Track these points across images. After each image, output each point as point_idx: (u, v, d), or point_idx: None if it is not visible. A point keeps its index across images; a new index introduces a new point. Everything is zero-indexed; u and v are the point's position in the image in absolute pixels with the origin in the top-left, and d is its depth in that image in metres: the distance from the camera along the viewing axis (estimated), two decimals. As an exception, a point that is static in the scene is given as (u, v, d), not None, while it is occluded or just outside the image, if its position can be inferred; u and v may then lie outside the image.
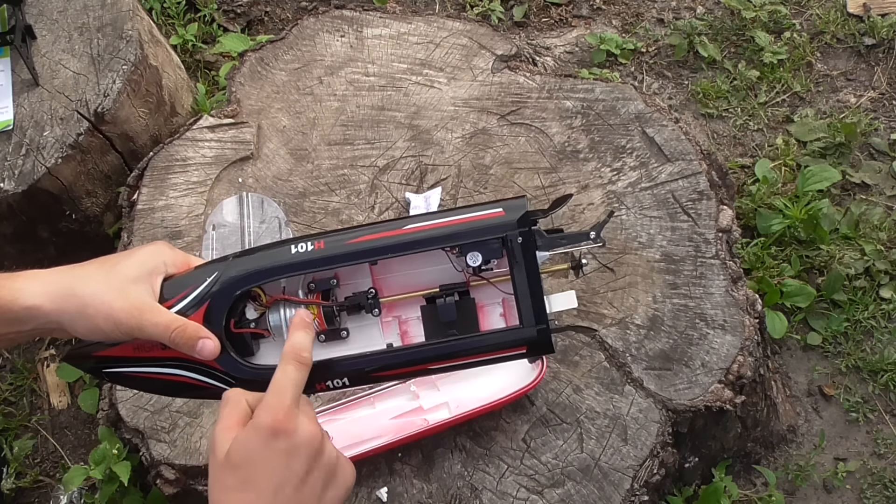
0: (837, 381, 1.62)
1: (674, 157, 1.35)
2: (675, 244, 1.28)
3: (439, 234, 0.71)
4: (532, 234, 0.71)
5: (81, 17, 1.64)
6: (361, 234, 0.72)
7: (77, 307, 0.71)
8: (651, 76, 2.06)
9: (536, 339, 0.71)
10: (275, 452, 0.64)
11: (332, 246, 0.72)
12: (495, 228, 0.71)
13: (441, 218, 0.72)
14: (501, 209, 0.72)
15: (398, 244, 0.71)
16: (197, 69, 2.04)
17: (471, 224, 0.71)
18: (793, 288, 1.64)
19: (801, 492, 1.50)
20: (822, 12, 2.10)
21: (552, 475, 1.12)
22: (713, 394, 1.17)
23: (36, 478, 1.61)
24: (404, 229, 0.72)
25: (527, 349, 0.72)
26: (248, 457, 0.64)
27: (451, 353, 0.72)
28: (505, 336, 0.72)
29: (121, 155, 1.62)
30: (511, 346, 0.72)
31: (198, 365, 0.73)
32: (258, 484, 0.64)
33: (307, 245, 0.72)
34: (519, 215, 0.71)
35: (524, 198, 0.73)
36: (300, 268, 0.72)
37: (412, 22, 1.57)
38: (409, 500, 1.13)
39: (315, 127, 1.46)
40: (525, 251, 0.71)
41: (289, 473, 0.65)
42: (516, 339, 0.72)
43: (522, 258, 0.71)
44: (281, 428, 0.65)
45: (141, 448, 1.20)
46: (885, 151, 1.88)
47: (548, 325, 0.71)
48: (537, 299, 0.71)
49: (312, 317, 0.72)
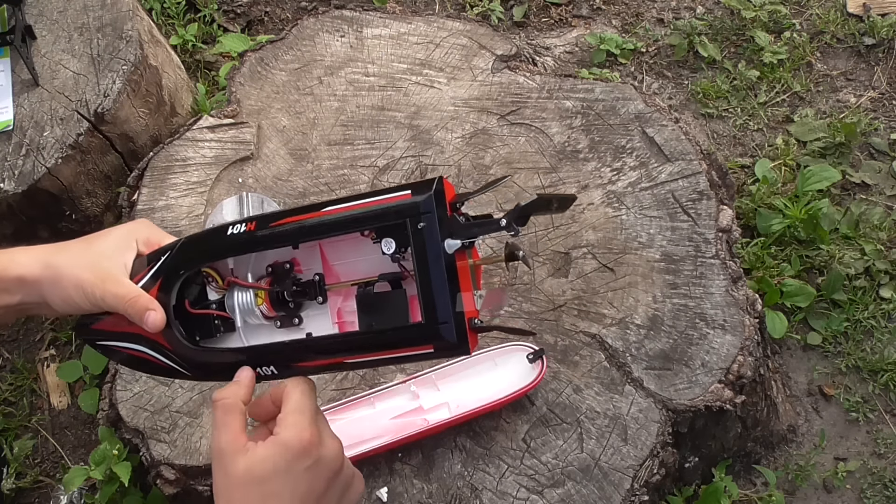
0: (837, 380, 1.62)
1: (674, 156, 1.35)
2: (675, 244, 1.28)
3: (349, 216, 0.66)
4: (436, 220, 0.62)
5: (81, 17, 1.64)
6: (286, 216, 0.69)
7: (52, 277, 0.73)
8: (651, 76, 2.06)
9: (439, 338, 0.62)
10: (300, 470, 0.66)
11: (260, 228, 0.69)
12: (399, 211, 0.63)
13: (357, 200, 0.66)
14: (409, 191, 0.64)
15: (315, 226, 0.67)
16: (197, 69, 2.04)
17: (379, 207, 0.64)
18: (793, 288, 1.64)
19: (801, 492, 1.50)
20: (821, 12, 2.10)
21: (552, 475, 1.12)
22: (713, 394, 1.17)
23: (36, 478, 1.61)
24: (322, 211, 0.67)
25: (433, 349, 0.64)
26: (272, 474, 0.65)
27: (357, 347, 0.67)
28: (407, 333, 0.65)
29: (121, 155, 1.62)
30: (414, 344, 0.64)
31: (154, 341, 0.73)
32: (281, 500, 0.65)
33: (241, 227, 0.70)
34: (424, 197, 0.62)
35: (436, 179, 0.64)
36: (230, 250, 0.71)
37: (412, 22, 1.57)
38: (409, 500, 1.13)
39: (315, 127, 1.46)
40: (429, 237, 0.62)
41: (311, 491, 0.66)
42: (418, 337, 0.64)
43: (424, 245, 0.62)
44: (306, 447, 0.66)
45: (141, 448, 1.20)
46: (885, 151, 1.88)
47: (454, 323, 0.62)
48: (440, 293, 0.62)
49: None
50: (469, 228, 0.63)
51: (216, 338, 0.74)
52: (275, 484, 0.65)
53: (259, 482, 0.65)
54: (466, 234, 0.63)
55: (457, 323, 0.62)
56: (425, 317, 0.62)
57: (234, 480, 0.66)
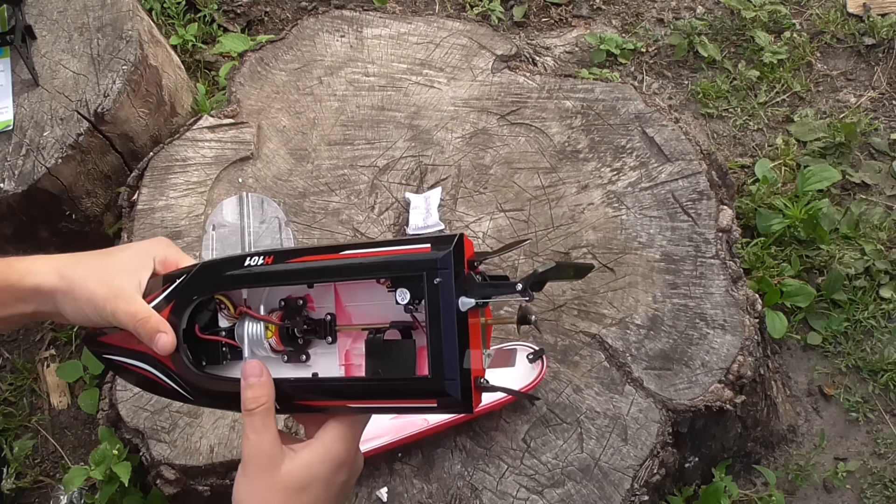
0: (837, 380, 1.62)
1: (674, 156, 1.35)
2: (675, 244, 1.28)
3: (367, 263, 0.66)
4: (452, 277, 0.62)
5: (81, 17, 1.64)
6: (304, 255, 0.69)
7: (67, 289, 0.73)
8: (651, 76, 2.06)
9: (444, 394, 0.62)
10: (337, 483, 0.68)
11: (278, 263, 0.69)
12: (417, 265, 0.63)
13: (376, 247, 0.67)
14: (429, 244, 0.64)
15: (332, 269, 0.67)
16: (197, 69, 2.04)
17: (397, 257, 0.65)
18: (793, 288, 1.64)
19: (801, 492, 1.50)
20: (822, 12, 2.10)
21: (552, 475, 1.12)
22: (713, 394, 1.17)
23: (36, 478, 1.61)
24: (341, 254, 0.67)
25: (437, 404, 0.63)
26: (314, 482, 0.66)
27: (361, 393, 0.67)
28: (413, 385, 0.64)
29: (121, 155, 1.62)
30: (419, 398, 0.64)
31: (160, 362, 0.73)
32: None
33: (259, 259, 0.70)
34: (443, 253, 0.62)
35: (457, 236, 0.64)
36: (246, 281, 0.71)
37: (412, 22, 1.57)
38: (409, 500, 1.13)
39: (315, 127, 1.46)
40: (443, 294, 0.62)
41: (337, 497, 0.69)
42: (423, 391, 0.64)
43: (438, 301, 0.62)
44: (349, 461, 0.69)
45: (141, 448, 1.20)
46: (885, 151, 1.88)
47: (460, 380, 0.62)
48: (449, 349, 0.62)
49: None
50: (484, 289, 0.64)
51: (222, 365, 0.75)
52: (315, 492, 0.66)
53: (300, 488, 0.66)
54: (481, 294, 0.63)
55: (462, 381, 0.62)
56: (432, 371, 0.63)
57: (275, 484, 0.66)
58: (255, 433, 0.66)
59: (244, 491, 0.67)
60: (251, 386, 0.67)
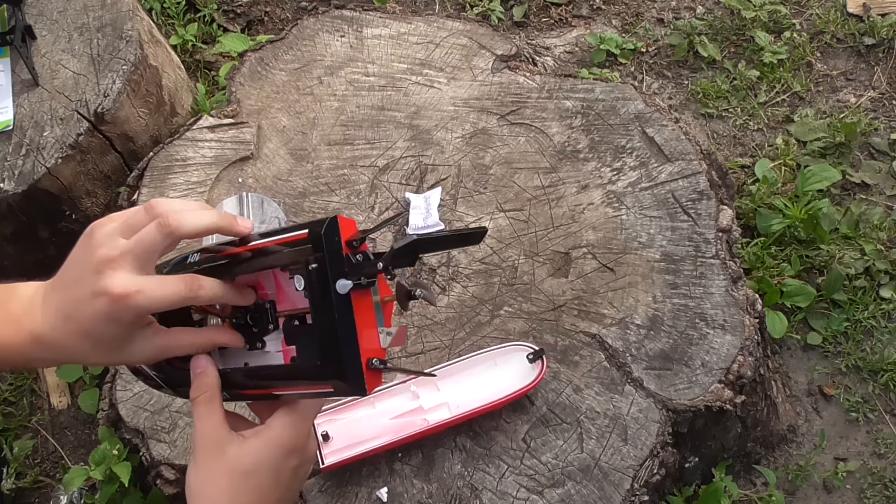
0: (837, 380, 1.62)
1: (674, 156, 1.35)
2: (675, 244, 1.28)
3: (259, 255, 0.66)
4: (325, 261, 0.61)
5: (81, 17, 1.64)
6: (227, 248, 0.70)
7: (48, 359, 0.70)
8: (651, 76, 2.06)
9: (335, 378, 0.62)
10: (287, 468, 0.68)
11: (207, 259, 0.70)
12: (293, 253, 0.63)
13: (268, 238, 0.66)
14: (307, 230, 0.63)
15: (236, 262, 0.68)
16: (197, 69, 2.04)
17: (281, 247, 0.64)
18: (793, 288, 1.64)
19: (801, 492, 1.50)
20: (821, 12, 2.10)
21: (552, 475, 1.12)
22: (713, 394, 1.17)
23: (36, 478, 1.61)
24: (247, 246, 0.68)
25: (332, 388, 0.64)
26: (263, 467, 0.67)
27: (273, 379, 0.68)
28: (310, 372, 0.65)
29: (121, 155, 1.62)
30: (317, 383, 0.64)
31: None
32: (267, 494, 0.68)
33: (196, 256, 0.71)
34: (314, 238, 0.62)
35: (330, 217, 0.63)
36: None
37: (412, 22, 1.57)
38: (409, 500, 1.13)
39: (315, 127, 1.46)
40: (318, 279, 0.61)
41: (290, 489, 0.70)
42: (318, 377, 0.64)
43: (316, 286, 0.62)
44: (299, 447, 0.69)
45: (141, 448, 1.21)
46: (885, 151, 1.88)
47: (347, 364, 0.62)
48: (330, 334, 0.62)
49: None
50: (358, 268, 0.63)
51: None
52: (263, 477, 0.67)
53: (247, 473, 0.66)
54: (360, 274, 0.63)
55: (352, 366, 0.62)
56: (322, 359, 0.63)
57: (221, 466, 0.66)
58: (200, 420, 0.68)
59: (193, 476, 0.68)
60: (196, 377, 0.69)
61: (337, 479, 1.14)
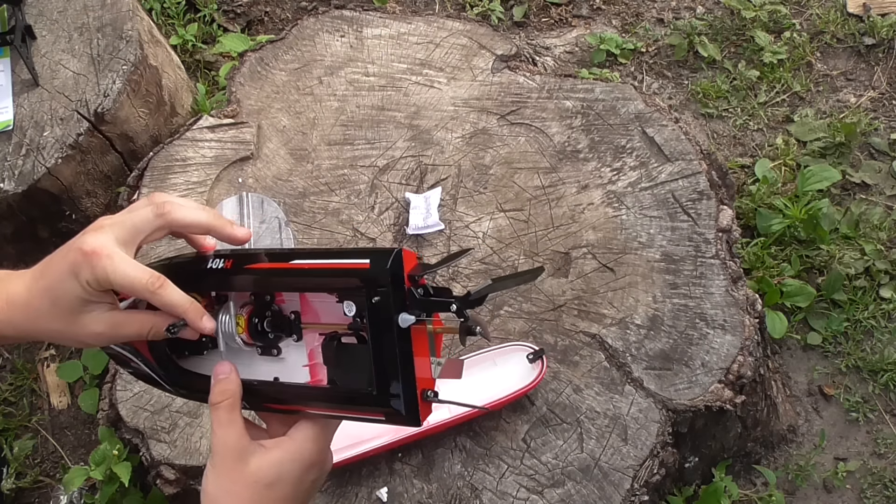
0: (837, 380, 1.62)
1: (674, 156, 1.35)
2: (675, 244, 1.28)
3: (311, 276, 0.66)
4: (389, 295, 0.61)
5: (81, 17, 1.64)
6: (260, 261, 0.69)
7: (49, 338, 0.71)
8: (651, 76, 2.06)
9: (390, 409, 0.63)
10: (308, 481, 0.68)
11: (236, 267, 0.70)
12: (355, 281, 0.63)
13: (322, 259, 0.66)
14: (369, 260, 0.63)
15: (280, 280, 0.68)
16: (197, 69, 2.04)
17: (338, 271, 0.64)
18: (793, 288, 1.64)
19: (801, 492, 1.50)
20: (822, 12, 2.10)
21: (552, 475, 1.12)
22: (713, 394, 1.17)
23: (36, 478, 1.61)
24: (291, 263, 0.67)
25: (384, 417, 0.64)
26: (285, 479, 0.67)
27: (316, 399, 0.68)
28: (362, 399, 0.65)
29: (121, 155, 1.62)
30: (368, 410, 0.65)
31: (138, 352, 0.75)
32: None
33: (220, 262, 0.70)
34: (380, 271, 0.62)
35: (395, 250, 0.63)
36: (206, 285, 0.71)
37: (412, 22, 1.57)
38: (409, 500, 1.13)
39: (315, 127, 1.46)
40: (382, 312, 0.62)
41: (306, 496, 0.69)
42: (370, 404, 0.64)
43: (377, 319, 0.62)
44: (320, 461, 0.69)
45: (141, 448, 1.21)
46: (885, 151, 1.88)
47: (404, 396, 0.62)
48: (391, 366, 0.62)
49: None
50: (423, 305, 0.63)
51: (204, 354, 0.75)
52: (284, 489, 0.67)
53: (269, 485, 0.66)
54: (420, 311, 0.63)
55: (407, 397, 0.62)
56: (377, 388, 0.63)
57: (242, 477, 0.66)
58: (222, 427, 0.67)
59: (213, 483, 0.67)
60: (219, 382, 0.69)
61: (337, 479, 1.14)
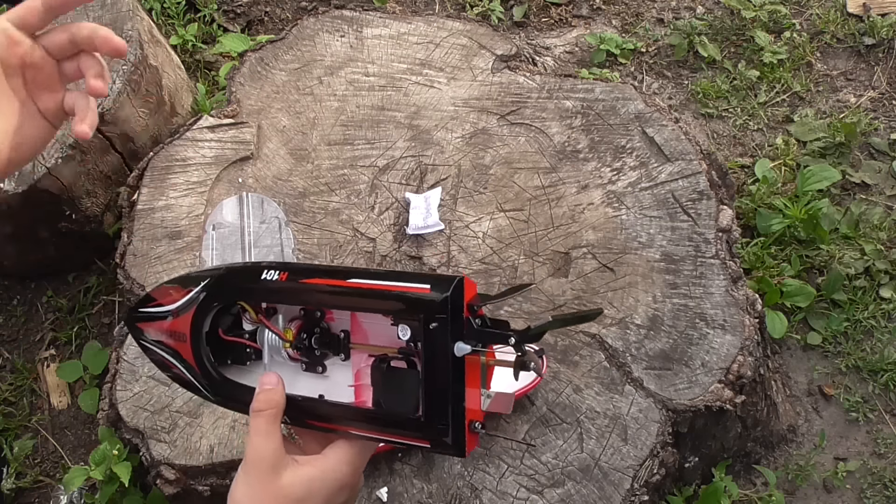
0: (837, 380, 1.62)
1: (674, 156, 1.35)
2: (675, 244, 1.28)
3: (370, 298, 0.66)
4: (448, 324, 0.61)
5: (81, 18, 1.64)
6: (316, 276, 0.70)
7: None
8: (651, 76, 2.06)
9: (436, 437, 0.62)
10: (337, 502, 0.68)
11: (291, 281, 0.70)
12: (414, 306, 0.63)
13: (381, 279, 0.66)
14: (429, 285, 0.63)
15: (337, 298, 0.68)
16: (197, 69, 2.04)
17: (398, 294, 0.64)
18: (793, 288, 1.64)
19: (801, 491, 1.50)
20: (821, 12, 2.10)
21: (552, 475, 1.12)
22: (713, 393, 1.17)
23: (36, 478, 1.61)
24: (349, 282, 0.67)
25: (430, 444, 0.64)
26: (314, 497, 0.66)
27: (360, 421, 0.67)
28: (408, 424, 0.64)
29: (121, 155, 1.62)
30: (414, 436, 0.64)
31: (186, 361, 0.75)
32: None
33: (275, 274, 0.71)
34: (440, 298, 0.61)
35: (458, 278, 0.63)
36: (260, 296, 0.72)
37: (412, 22, 1.57)
38: (409, 500, 1.13)
39: (315, 127, 1.46)
40: (438, 339, 0.61)
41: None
42: (417, 431, 0.64)
43: (433, 346, 0.62)
44: (352, 483, 0.69)
45: (141, 448, 1.21)
46: (885, 151, 1.88)
47: (452, 426, 0.62)
48: (443, 395, 0.62)
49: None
50: (480, 335, 0.63)
51: (246, 365, 0.76)
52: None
53: (298, 500, 0.66)
54: (478, 340, 0.63)
55: (455, 427, 0.62)
56: (426, 415, 0.63)
57: (274, 490, 0.66)
58: (260, 437, 0.66)
59: (243, 491, 0.67)
60: (264, 391, 0.68)
61: (337, 479, 1.14)
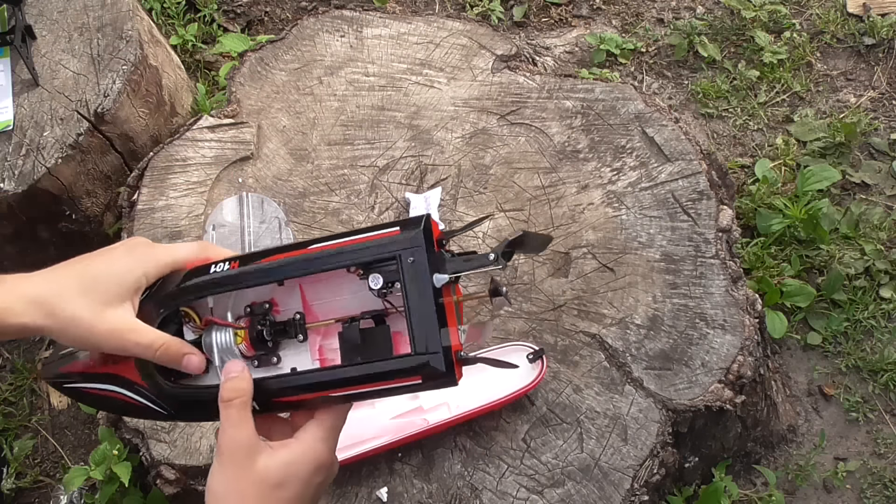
0: (837, 380, 1.62)
1: (674, 156, 1.35)
2: (675, 244, 1.28)
3: (338, 252, 0.67)
4: (425, 255, 0.64)
5: (81, 17, 1.64)
6: (271, 255, 0.70)
7: (60, 327, 0.69)
8: (651, 76, 2.06)
9: (427, 368, 0.64)
10: (314, 483, 0.68)
11: (244, 265, 0.70)
12: (389, 247, 0.65)
13: (343, 238, 0.68)
14: (398, 228, 0.66)
15: (303, 262, 0.68)
16: (197, 69, 2.04)
17: (367, 244, 0.66)
18: (793, 288, 1.65)
19: (801, 492, 1.50)
20: (821, 12, 2.10)
21: (552, 475, 1.12)
22: (713, 393, 1.17)
23: (36, 478, 1.61)
24: (309, 248, 0.68)
25: (421, 379, 0.65)
26: (292, 480, 0.67)
27: (343, 380, 0.67)
28: (396, 364, 0.66)
29: (121, 155, 1.62)
30: (403, 376, 0.65)
31: (130, 381, 0.73)
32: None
33: (224, 266, 0.71)
34: (414, 233, 0.65)
35: (423, 217, 0.66)
36: (209, 288, 0.71)
37: (412, 22, 1.57)
38: (409, 500, 1.13)
39: (315, 127, 1.46)
40: (419, 271, 0.64)
41: (312, 498, 0.69)
42: (405, 368, 0.65)
43: (414, 279, 0.64)
44: (328, 464, 0.69)
45: (141, 448, 1.21)
46: (885, 151, 1.88)
47: (442, 353, 0.64)
48: (427, 324, 0.64)
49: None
50: (457, 263, 0.66)
51: (191, 378, 0.74)
52: (291, 490, 0.67)
53: (276, 485, 0.66)
54: (455, 269, 0.65)
55: (445, 354, 0.64)
56: (415, 348, 0.64)
57: (250, 476, 0.66)
58: (232, 427, 0.67)
59: (219, 481, 0.66)
60: (231, 380, 0.68)
61: (337, 479, 1.14)
